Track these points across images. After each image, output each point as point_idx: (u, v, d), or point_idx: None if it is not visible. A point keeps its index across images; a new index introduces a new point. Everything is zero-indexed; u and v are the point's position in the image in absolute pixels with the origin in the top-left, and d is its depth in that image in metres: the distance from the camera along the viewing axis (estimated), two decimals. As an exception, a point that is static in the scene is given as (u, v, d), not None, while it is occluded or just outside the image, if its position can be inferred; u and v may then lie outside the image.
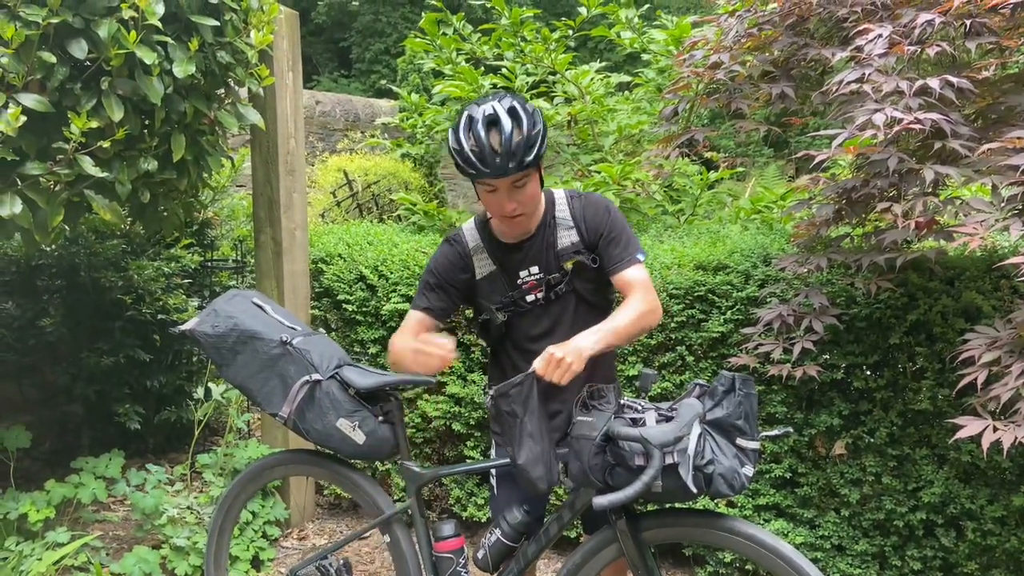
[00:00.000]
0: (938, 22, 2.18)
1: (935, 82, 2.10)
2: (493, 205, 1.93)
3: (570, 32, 4.41)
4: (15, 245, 3.59)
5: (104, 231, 3.88)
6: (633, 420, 1.73)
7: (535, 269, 2.02)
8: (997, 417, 2.00)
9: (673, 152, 3.15)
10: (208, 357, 2.17)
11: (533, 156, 1.83)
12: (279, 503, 3.40)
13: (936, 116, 2.06)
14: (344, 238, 3.72)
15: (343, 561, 2.24)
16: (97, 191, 2.40)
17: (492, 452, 2.22)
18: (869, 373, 2.71)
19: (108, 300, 3.71)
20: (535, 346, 1.94)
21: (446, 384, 3.32)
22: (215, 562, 2.44)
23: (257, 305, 2.21)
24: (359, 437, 2.05)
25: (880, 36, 2.25)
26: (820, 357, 2.71)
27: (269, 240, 3.38)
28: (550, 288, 2.02)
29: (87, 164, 2.26)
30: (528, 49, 4.42)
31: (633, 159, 4.24)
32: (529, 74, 4.67)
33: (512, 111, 1.83)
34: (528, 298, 2.03)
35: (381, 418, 2.09)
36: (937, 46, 2.18)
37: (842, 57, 2.36)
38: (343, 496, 3.77)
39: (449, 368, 3.32)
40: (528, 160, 1.83)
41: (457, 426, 3.30)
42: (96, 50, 2.24)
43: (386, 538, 2.16)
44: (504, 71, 4.58)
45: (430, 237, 3.81)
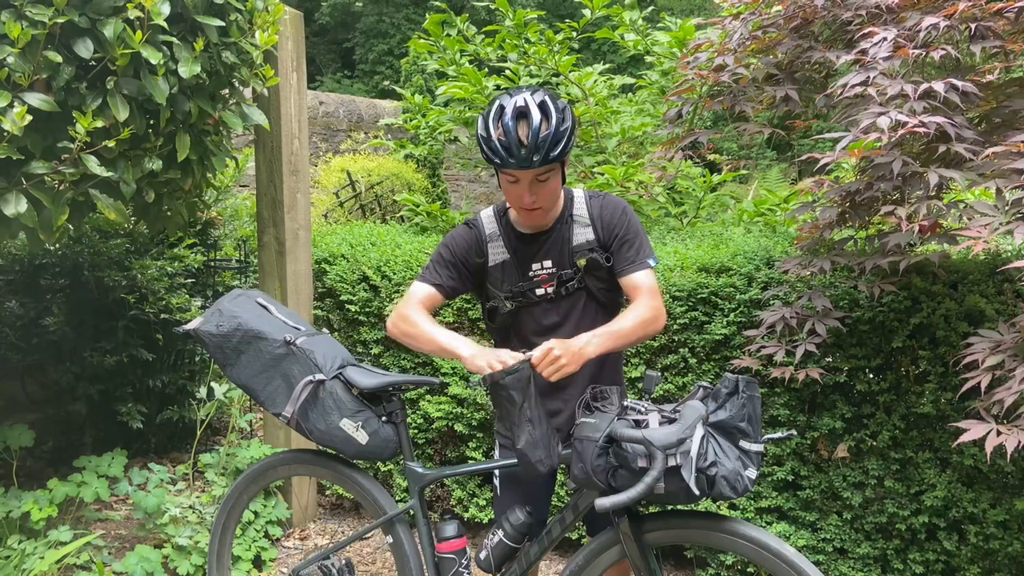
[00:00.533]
0: (943, 26, 2.18)
1: (939, 85, 2.10)
2: (513, 195, 1.95)
3: (574, 34, 4.41)
4: (19, 244, 3.60)
5: (108, 230, 3.89)
6: (636, 422, 1.72)
7: (548, 263, 2.04)
8: (1000, 421, 2.00)
9: (676, 154, 3.16)
10: (211, 357, 2.17)
11: (559, 152, 1.85)
12: (281, 503, 3.41)
13: (940, 119, 2.06)
14: (347, 239, 3.73)
15: (345, 561, 2.24)
16: (102, 190, 2.41)
17: (496, 453, 2.22)
18: (872, 376, 2.71)
19: (111, 299, 3.72)
20: (541, 340, 1.96)
21: (448, 385, 3.32)
22: (218, 561, 2.45)
23: (261, 305, 2.21)
24: (362, 437, 2.05)
25: (884, 39, 2.25)
26: (823, 360, 2.71)
27: (272, 240, 3.39)
28: (561, 284, 2.03)
29: (92, 163, 2.27)
30: (532, 51, 4.43)
31: (636, 161, 4.24)
32: (533, 76, 4.67)
33: (543, 105, 1.85)
34: (538, 291, 2.05)
35: (384, 418, 2.09)
36: (942, 50, 2.18)
37: (846, 60, 2.36)
38: (345, 496, 3.77)
39: (452, 368, 3.33)
40: (553, 155, 1.84)
41: (459, 427, 3.30)
42: (102, 50, 2.25)
43: (388, 538, 2.16)
44: (508, 72, 4.58)
45: (433, 238, 3.81)
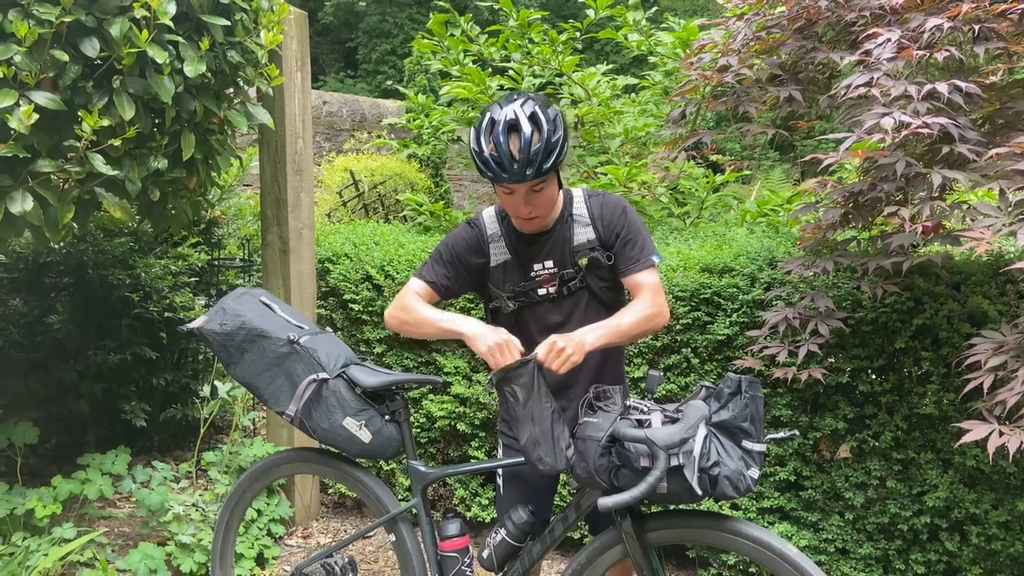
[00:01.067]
0: (946, 27, 2.18)
1: (943, 86, 2.10)
2: (509, 206, 1.96)
3: (577, 34, 4.41)
4: (24, 242, 3.61)
5: (112, 229, 3.90)
6: (639, 421, 1.73)
7: (550, 264, 2.04)
8: (1003, 422, 2.00)
9: (679, 155, 3.16)
10: (215, 355, 2.18)
11: (551, 163, 1.84)
12: (284, 501, 3.41)
13: (944, 120, 2.07)
14: (351, 238, 3.74)
15: (348, 559, 2.24)
16: (107, 189, 2.42)
17: (499, 452, 2.23)
18: (874, 377, 2.71)
19: (115, 298, 3.73)
20: (543, 339, 1.97)
21: (451, 384, 3.32)
22: (221, 559, 2.46)
23: (265, 304, 2.22)
24: (365, 436, 2.06)
25: (888, 40, 2.25)
26: (825, 360, 2.71)
27: (276, 239, 3.40)
28: (563, 283, 2.04)
29: (98, 162, 2.27)
30: (535, 51, 4.43)
31: (639, 161, 4.25)
32: (536, 76, 4.68)
33: (533, 117, 1.83)
34: (540, 291, 2.05)
35: (387, 417, 2.10)
36: (945, 51, 2.18)
37: (850, 61, 2.36)
38: (348, 495, 3.77)
39: (454, 368, 3.34)
40: (546, 167, 1.84)
41: (462, 426, 3.31)
42: (108, 49, 2.26)
43: (391, 537, 2.17)
44: (511, 72, 4.59)
45: (436, 238, 3.82)
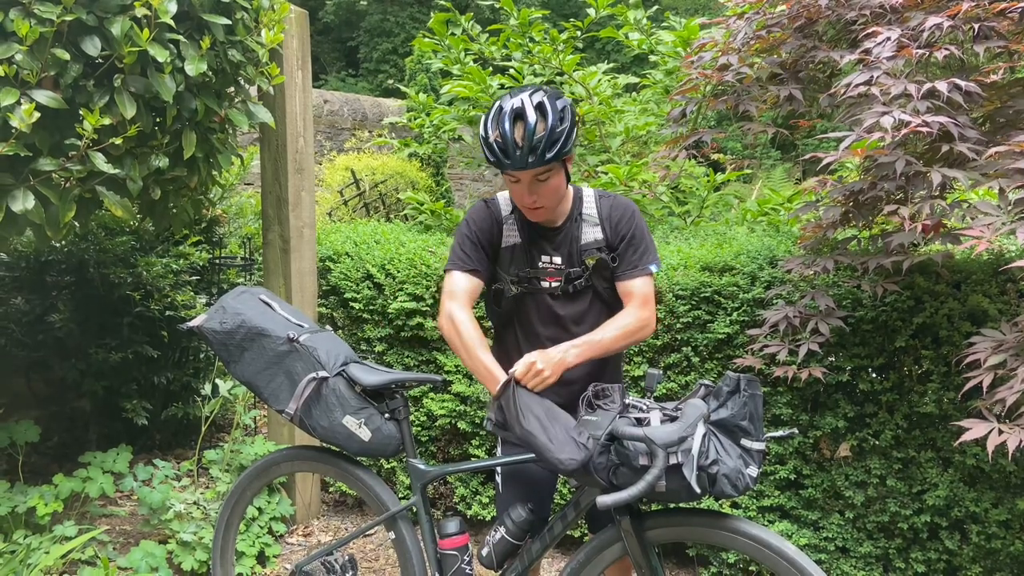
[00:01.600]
0: (946, 26, 2.18)
1: (943, 85, 2.10)
2: (516, 195, 1.98)
3: (578, 33, 4.41)
4: (25, 241, 3.62)
5: (114, 227, 3.91)
6: (638, 420, 1.73)
7: (558, 260, 2.06)
8: (1002, 420, 2.00)
9: (680, 154, 3.16)
10: (216, 354, 2.19)
11: (555, 152, 1.85)
12: (285, 499, 3.42)
13: (944, 119, 2.07)
14: (351, 237, 3.74)
15: (348, 557, 2.25)
16: (109, 187, 2.42)
17: (498, 450, 2.23)
18: (875, 375, 2.71)
19: (117, 296, 3.73)
20: (544, 330, 2.00)
21: (452, 383, 3.33)
22: (222, 557, 2.46)
23: (265, 302, 2.22)
24: (365, 434, 2.06)
25: (888, 39, 2.25)
26: (826, 359, 2.71)
27: (277, 238, 3.40)
28: (569, 281, 2.05)
29: (99, 161, 2.28)
30: (536, 50, 4.44)
31: (640, 160, 4.25)
32: (537, 75, 4.68)
33: (540, 106, 1.86)
34: (543, 283, 2.06)
35: (387, 415, 2.10)
36: (945, 49, 2.18)
37: (850, 60, 2.36)
38: (349, 493, 3.78)
39: (455, 366, 3.34)
40: (550, 156, 1.85)
41: (462, 424, 3.31)
42: (109, 48, 2.26)
43: (391, 535, 2.17)
44: (512, 71, 4.59)
45: (437, 236, 3.82)
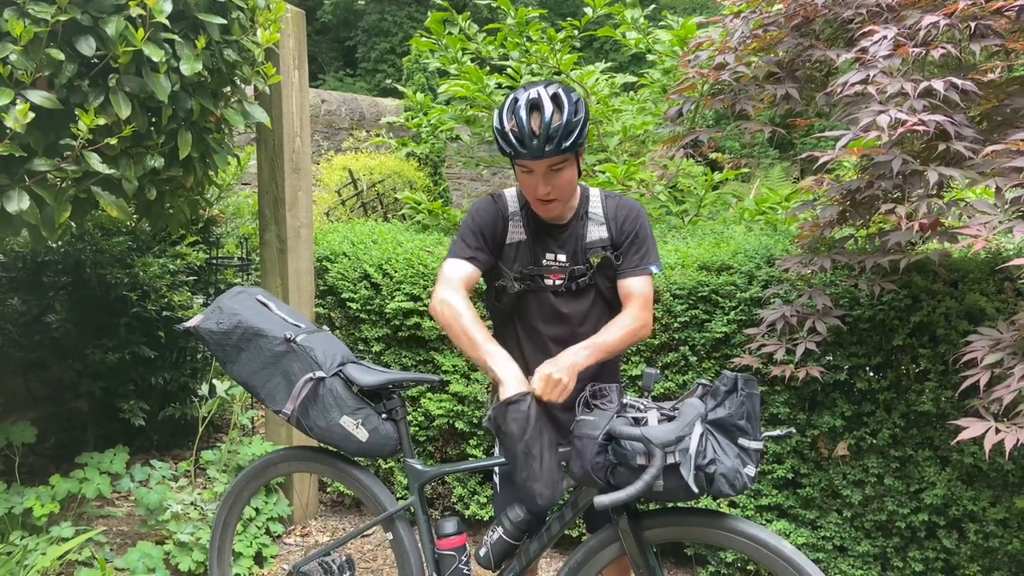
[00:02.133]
0: (943, 24, 2.18)
1: (939, 84, 2.10)
2: (528, 187, 1.97)
3: (576, 32, 4.41)
4: (21, 241, 3.61)
5: (110, 228, 3.90)
6: (635, 419, 1.73)
7: (563, 257, 2.06)
8: (1000, 419, 2.01)
9: (678, 153, 3.16)
10: (212, 354, 2.18)
11: (571, 142, 1.87)
12: (282, 500, 3.42)
13: (940, 118, 2.07)
14: (349, 236, 3.73)
15: (346, 558, 2.24)
16: (104, 188, 2.41)
17: (496, 450, 2.23)
18: (872, 374, 2.71)
19: (113, 297, 3.73)
20: (545, 329, 1.99)
21: (449, 383, 3.32)
22: (219, 557, 2.46)
23: (261, 302, 2.22)
24: (362, 434, 2.05)
25: (885, 38, 2.25)
26: (823, 358, 2.71)
27: (274, 238, 3.39)
28: (572, 279, 2.06)
29: (94, 161, 2.27)
30: (533, 49, 4.43)
31: (638, 160, 4.25)
32: (534, 74, 4.68)
33: (555, 97, 1.88)
34: (547, 280, 2.06)
35: (384, 415, 2.10)
36: (942, 48, 2.18)
37: (847, 58, 2.36)
38: (346, 493, 3.78)
39: (453, 366, 3.34)
40: (566, 145, 1.86)
41: (460, 424, 3.31)
42: (104, 47, 2.25)
43: (389, 535, 2.17)
44: (509, 71, 4.59)
45: (434, 236, 3.82)
